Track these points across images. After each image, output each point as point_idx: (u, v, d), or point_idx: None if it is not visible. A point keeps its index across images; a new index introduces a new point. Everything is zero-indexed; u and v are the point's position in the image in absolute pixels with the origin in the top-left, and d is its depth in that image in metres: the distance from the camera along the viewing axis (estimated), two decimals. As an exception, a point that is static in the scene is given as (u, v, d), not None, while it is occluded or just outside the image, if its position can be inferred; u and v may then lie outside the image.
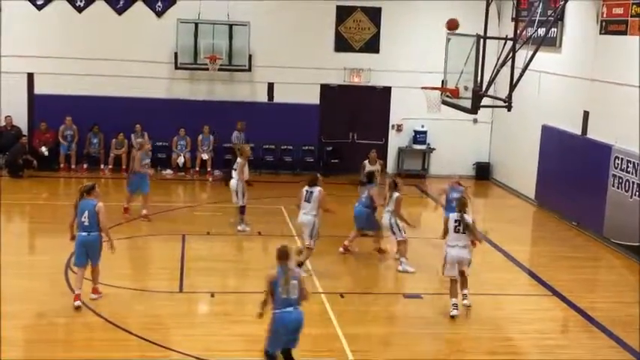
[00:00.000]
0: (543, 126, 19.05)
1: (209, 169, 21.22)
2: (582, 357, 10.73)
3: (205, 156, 21.23)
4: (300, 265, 13.27)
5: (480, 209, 18.95)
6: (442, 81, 14.48)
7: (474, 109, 13.33)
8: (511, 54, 13.04)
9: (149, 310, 11.54)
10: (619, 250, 15.57)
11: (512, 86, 13.07)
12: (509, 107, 13.32)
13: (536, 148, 19.37)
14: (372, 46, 22.04)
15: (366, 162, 16.43)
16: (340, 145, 22.42)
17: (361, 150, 19.10)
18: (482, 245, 13.27)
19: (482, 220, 16.60)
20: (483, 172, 22.58)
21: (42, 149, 20.67)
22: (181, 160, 21.14)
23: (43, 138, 20.91)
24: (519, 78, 12.97)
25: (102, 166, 21.13)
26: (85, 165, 21.14)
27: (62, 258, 13.03)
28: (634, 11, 15.44)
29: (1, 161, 20.66)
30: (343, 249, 14.61)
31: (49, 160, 20.81)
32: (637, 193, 15.06)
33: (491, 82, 13.19)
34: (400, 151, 22.49)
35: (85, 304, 11.43)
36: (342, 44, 21.97)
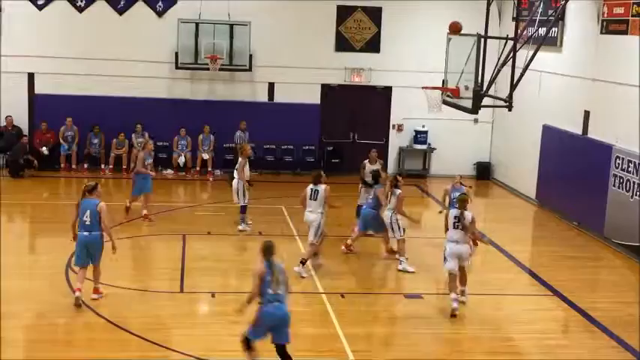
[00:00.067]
0: (544, 126, 19.04)
1: (210, 169, 21.22)
2: (583, 357, 10.73)
3: (206, 156, 21.23)
4: (303, 263, 13.30)
5: (481, 209, 18.91)
6: (443, 81, 14.50)
7: (475, 109, 13.33)
8: (512, 54, 13.05)
9: (150, 311, 11.54)
10: (620, 250, 15.56)
11: (512, 86, 13.08)
12: (509, 107, 13.34)
13: (536, 148, 19.35)
14: (373, 46, 22.03)
15: (366, 162, 16.41)
16: (341, 145, 22.41)
17: (362, 150, 19.06)
18: (482, 245, 13.31)
19: (483, 221, 16.61)
20: (484, 172, 22.56)
21: (42, 149, 20.68)
22: (182, 160, 21.13)
23: (44, 138, 20.91)
24: (520, 78, 12.98)
25: (102, 166, 21.13)
26: (86, 165, 21.14)
27: (63, 258, 13.06)
28: (634, 11, 15.43)
29: (2, 161, 20.69)
30: (345, 248, 14.61)
31: (50, 160, 20.82)
32: (638, 193, 15.05)
33: (491, 82, 13.21)
34: (401, 151, 22.47)
35: (86, 304, 11.43)
36: (343, 44, 21.96)
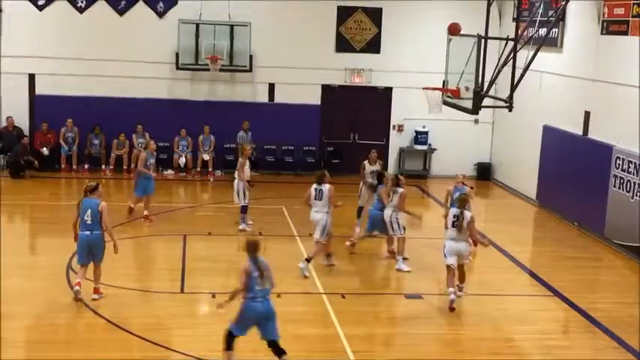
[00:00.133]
0: (544, 126, 19.03)
1: (210, 170, 21.23)
2: (583, 357, 10.72)
3: (206, 156, 21.23)
4: (308, 260, 13.32)
5: (482, 210, 18.92)
6: (443, 81, 14.50)
7: (475, 110, 13.33)
8: (512, 54, 13.06)
9: (150, 311, 11.55)
10: (620, 251, 15.56)
11: (513, 86, 13.08)
12: (510, 107, 13.35)
13: (537, 149, 19.34)
14: (373, 47, 22.03)
15: (366, 162, 16.40)
16: (341, 146, 22.41)
17: (362, 150, 19.00)
18: (481, 246, 13.28)
19: (483, 221, 16.61)
20: (484, 173, 22.56)
21: (43, 150, 20.68)
22: (182, 161, 21.12)
23: (45, 139, 20.90)
24: (520, 78, 12.99)
25: (103, 167, 21.13)
26: (87, 165, 21.13)
27: (63, 258, 13.06)
28: (635, 11, 15.43)
29: (3, 162, 20.69)
30: (350, 244, 14.65)
31: (51, 161, 20.81)
32: (638, 194, 15.04)
33: (492, 83, 13.21)
34: (401, 152, 22.47)
35: (86, 305, 11.44)
36: (343, 45, 21.96)
